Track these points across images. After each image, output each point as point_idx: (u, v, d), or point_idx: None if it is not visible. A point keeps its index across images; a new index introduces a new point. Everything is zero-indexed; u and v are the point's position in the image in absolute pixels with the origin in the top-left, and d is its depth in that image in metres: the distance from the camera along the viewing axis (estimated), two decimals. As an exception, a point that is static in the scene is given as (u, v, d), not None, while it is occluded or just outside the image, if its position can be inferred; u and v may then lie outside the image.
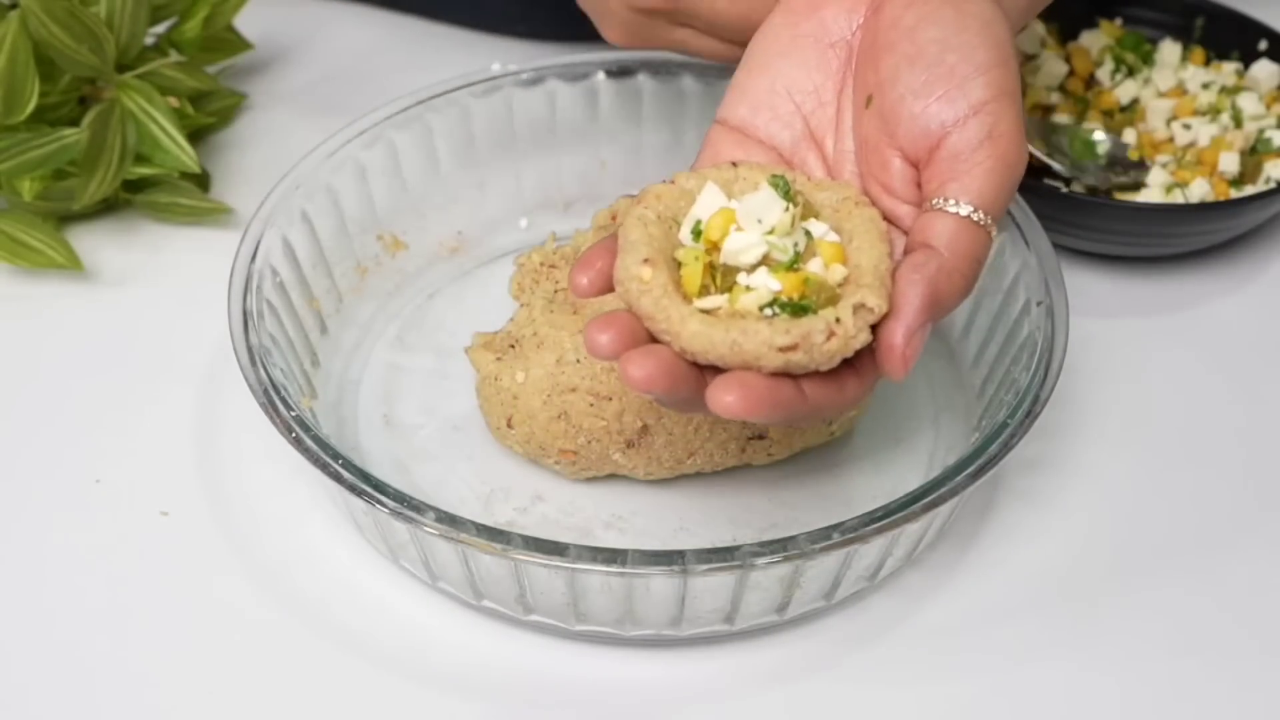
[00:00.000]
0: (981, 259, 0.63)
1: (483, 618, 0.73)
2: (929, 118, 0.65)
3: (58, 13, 0.84)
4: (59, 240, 0.87)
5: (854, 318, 0.61)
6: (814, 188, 0.66)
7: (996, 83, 0.64)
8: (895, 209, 0.66)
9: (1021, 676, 0.73)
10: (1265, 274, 0.92)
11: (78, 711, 0.70)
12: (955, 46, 0.65)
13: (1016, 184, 0.65)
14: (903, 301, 0.62)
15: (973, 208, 0.63)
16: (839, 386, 0.62)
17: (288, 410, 0.72)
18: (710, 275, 0.63)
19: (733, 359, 0.60)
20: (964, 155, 0.64)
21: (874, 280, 0.62)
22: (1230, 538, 0.78)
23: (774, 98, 0.69)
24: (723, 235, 0.63)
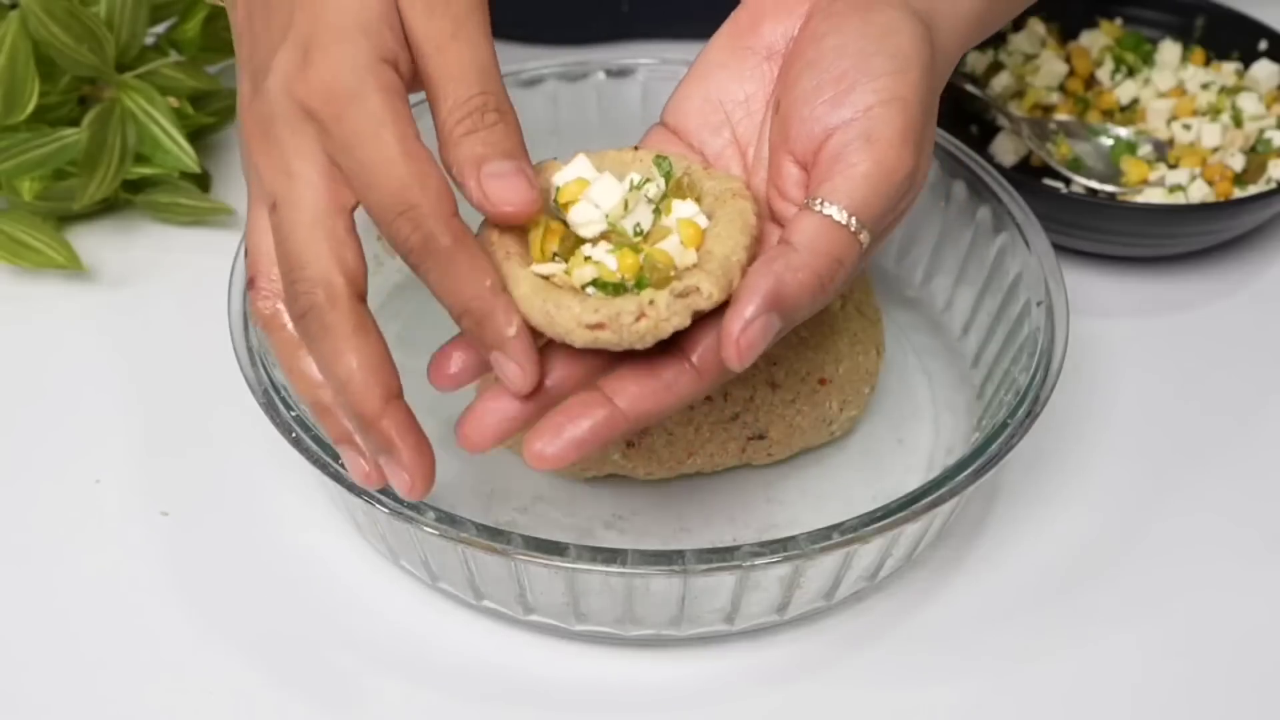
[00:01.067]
0: (843, 260, 0.63)
1: (483, 618, 0.73)
2: (814, 120, 0.65)
3: (58, 12, 0.84)
4: (59, 240, 0.87)
5: (676, 301, 0.61)
6: (705, 175, 0.67)
7: (887, 89, 0.65)
8: (785, 211, 0.67)
9: (1022, 676, 0.73)
10: (1265, 274, 0.92)
11: (78, 711, 0.70)
12: (852, 53, 0.66)
13: (896, 191, 0.64)
14: (744, 291, 0.62)
15: (839, 209, 0.63)
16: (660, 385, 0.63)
17: (288, 410, 0.72)
18: (563, 244, 0.64)
19: (548, 329, 0.62)
20: (841, 157, 0.64)
21: (716, 267, 0.63)
22: (1230, 537, 0.78)
23: (707, 106, 0.70)
24: (572, 204, 0.65)
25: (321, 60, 0.62)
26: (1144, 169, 0.91)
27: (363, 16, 0.63)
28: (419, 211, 0.61)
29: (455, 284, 0.61)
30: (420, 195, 0.61)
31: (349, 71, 0.62)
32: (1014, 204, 0.82)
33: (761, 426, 0.76)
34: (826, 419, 0.78)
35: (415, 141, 0.62)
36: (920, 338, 0.86)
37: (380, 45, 0.63)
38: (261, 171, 0.64)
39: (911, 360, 0.85)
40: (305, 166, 0.63)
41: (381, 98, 0.62)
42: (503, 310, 0.62)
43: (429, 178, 0.61)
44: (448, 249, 0.61)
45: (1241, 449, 0.82)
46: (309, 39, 0.63)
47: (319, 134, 0.62)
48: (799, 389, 0.77)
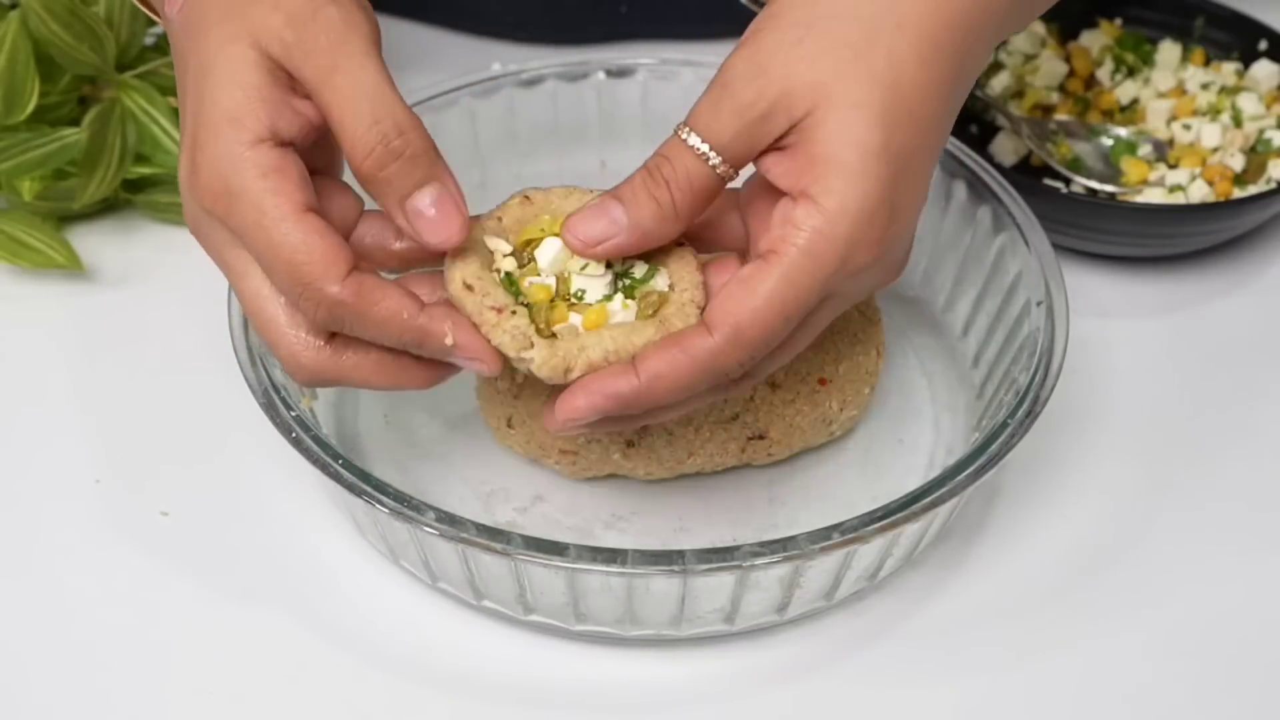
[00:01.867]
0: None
1: (483, 618, 0.73)
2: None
3: (58, 11, 0.84)
4: (59, 240, 0.87)
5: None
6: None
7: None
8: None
9: (1022, 676, 0.73)
10: (1265, 274, 0.91)
11: (78, 711, 0.70)
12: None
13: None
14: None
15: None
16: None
17: (288, 410, 0.72)
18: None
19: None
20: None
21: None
22: (1230, 537, 0.78)
23: None
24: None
25: (202, 161, 0.64)
26: (1144, 169, 0.91)
27: (232, 102, 0.64)
28: (313, 287, 0.63)
29: (380, 329, 0.64)
30: (309, 271, 0.63)
31: (226, 165, 0.64)
32: (1014, 204, 0.82)
33: (761, 426, 0.76)
34: (826, 419, 0.78)
35: (297, 216, 0.63)
36: (920, 338, 0.86)
37: (252, 126, 0.64)
38: (212, 260, 0.67)
39: (911, 360, 0.85)
40: (234, 258, 0.66)
41: (257, 185, 0.63)
42: (433, 327, 0.64)
43: (314, 250, 0.63)
44: (354, 305, 0.63)
45: (1241, 448, 0.82)
46: (193, 139, 0.65)
47: (228, 231, 0.65)
48: (799, 389, 0.77)
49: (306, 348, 0.66)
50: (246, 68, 0.64)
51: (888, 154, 0.63)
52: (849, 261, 0.63)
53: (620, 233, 0.65)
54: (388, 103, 0.64)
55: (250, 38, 0.64)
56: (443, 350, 0.65)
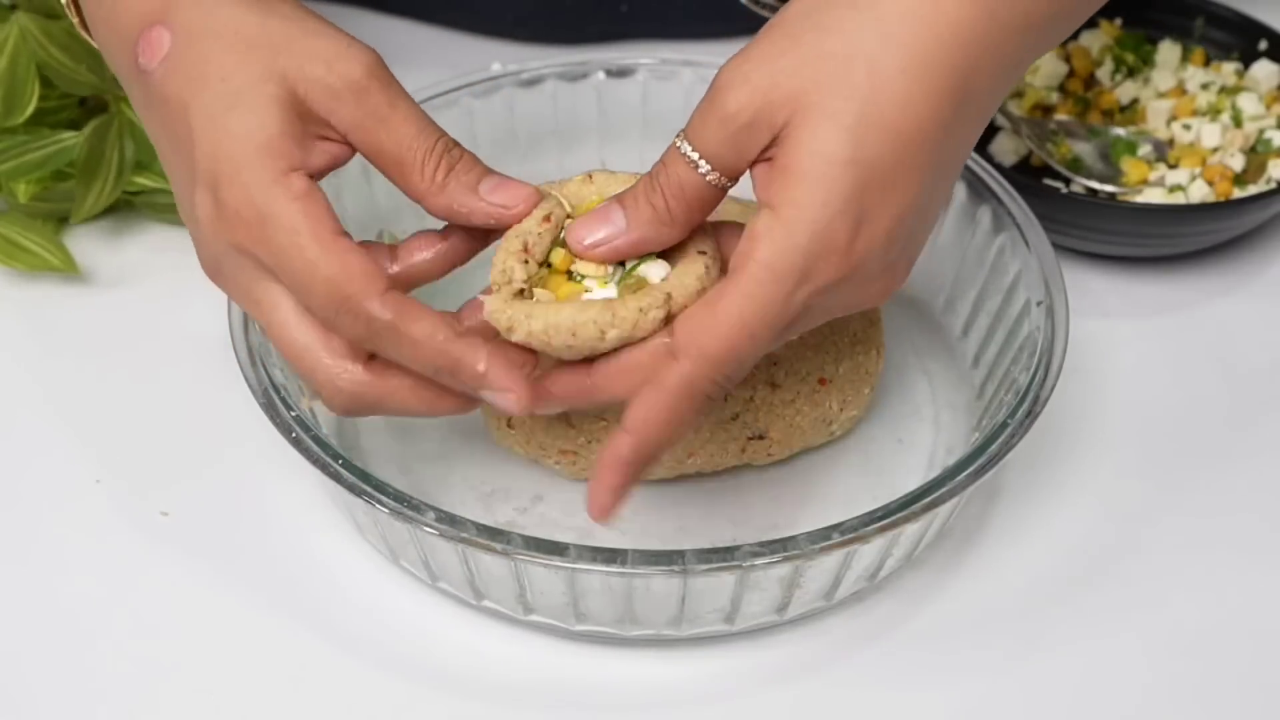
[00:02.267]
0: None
1: (483, 618, 0.73)
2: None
3: (56, 35, 0.85)
4: (55, 243, 0.87)
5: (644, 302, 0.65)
6: None
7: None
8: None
9: (1022, 676, 0.72)
10: (1265, 274, 0.91)
11: (78, 711, 0.70)
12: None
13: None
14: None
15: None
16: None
17: (288, 410, 0.72)
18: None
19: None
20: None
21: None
22: (1231, 537, 0.78)
23: None
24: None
25: (230, 197, 0.65)
26: (1144, 169, 0.91)
27: (259, 138, 0.65)
28: (352, 302, 0.64)
29: (413, 350, 0.64)
30: (349, 286, 0.64)
31: (259, 196, 0.64)
32: (1014, 204, 0.82)
33: (761, 426, 0.76)
34: (826, 419, 0.78)
35: (332, 236, 0.64)
36: (920, 338, 0.86)
37: (284, 159, 0.65)
38: (236, 302, 0.68)
39: (911, 360, 0.85)
40: (265, 291, 0.66)
41: (292, 208, 0.64)
42: (467, 353, 0.64)
43: (351, 267, 0.64)
44: (390, 324, 0.64)
45: (1241, 448, 0.82)
46: (214, 178, 0.65)
47: (256, 264, 0.65)
48: (799, 389, 0.77)
49: (345, 372, 0.66)
50: (275, 106, 0.65)
51: (855, 165, 0.62)
52: (811, 274, 0.63)
53: (619, 236, 0.66)
54: (441, 130, 0.68)
55: (280, 81, 0.65)
56: (475, 378, 0.65)
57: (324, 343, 0.66)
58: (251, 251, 0.65)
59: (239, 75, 0.66)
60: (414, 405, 0.67)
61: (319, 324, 0.66)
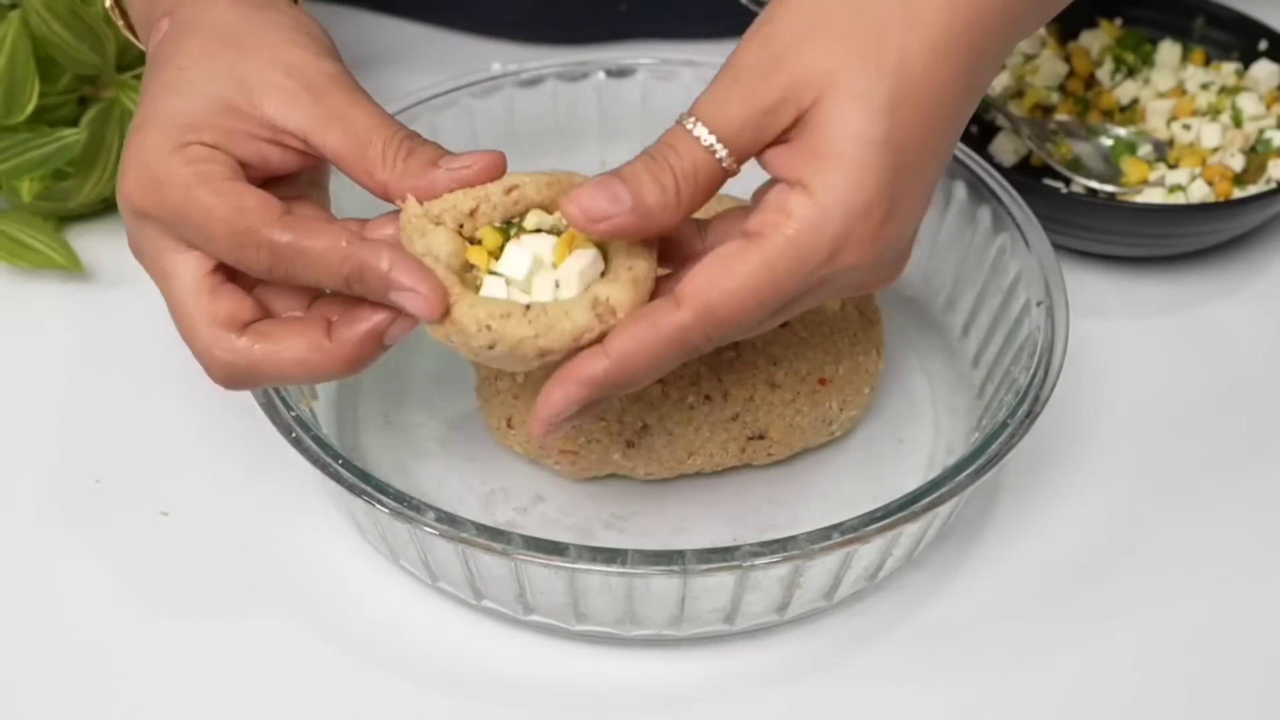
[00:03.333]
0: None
1: (483, 618, 0.73)
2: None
3: (59, 10, 0.84)
4: (58, 241, 0.87)
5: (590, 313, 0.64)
6: None
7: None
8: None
9: (1022, 676, 0.73)
10: (1265, 274, 0.92)
11: (78, 711, 0.70)
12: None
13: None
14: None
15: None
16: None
17: (288, 410, 0.72)
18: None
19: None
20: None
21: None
22: (1231, 537, 0.78)
23: None
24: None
25: (130, 164, 0.66)
26: (1144, 169, 0.91)
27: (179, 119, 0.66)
28: (251, 232, 0.64)
29: (318, 263, 0.64)
30: (244, 219, 0.64)
31: (154, 160, 0.65)
32: (1014, 204, 0.82)
33: (761, 426, 0.76)
34: (826, 419, 0.78)
35: (226, 183, 0.65)
36: (920, 338, 0.86)
37: (192, 134, 0.66)
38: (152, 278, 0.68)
39: (911, 360, 0.85)
40: (166, 262, 0.66)
41: (184, 170, 0.65)
42: (369, 253, 0.63)
43: (245, 200, 0.64)
44: (292, 242, 0.64)
45: (1241, 448, 0.82)
46: (126, 147, 0.67)
47: (158, 226, 0.66)
48: (799, 389, 0.77)
49: (219, 340, 0.66)
50: (211, 99, 0.66)
51: (889, 147, 0.62)
52: (837, 257, 0.62)
53: (622, 212, 0.63)
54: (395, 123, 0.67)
55: (235, 83, 0.66)
56: (381, 278, 0.63)
57: (207, 314, 0.66)
58: (153, 214, 0.65)
59: (196, 66, 0.67)
60: (293, 371, 0.66)
61: (206, 296, 0.66)
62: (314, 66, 0.67)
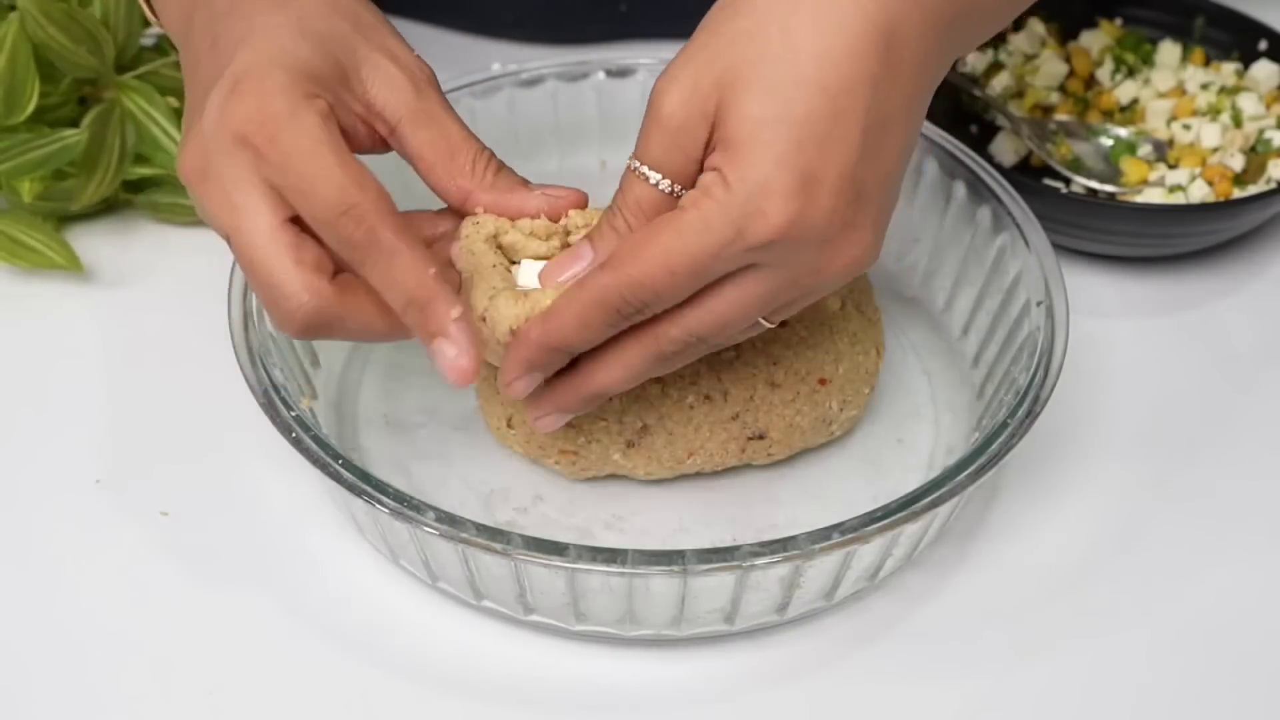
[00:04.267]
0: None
1: (483, 618, 0.73)
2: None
3: (55, 15, 0.84)
4: (59, 241, 0.87)
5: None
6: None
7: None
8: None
9: (1022, 676, 0.73)
10: (1265, 274, 0.92)
11: (78, 711, 0.70)
12: None
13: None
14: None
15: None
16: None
17: (288, 410, 0.72)
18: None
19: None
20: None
21: None
22: (1231, 537, 0.78)
23: None
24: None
25: (251, 90, 0.65)
26: (1144, 169, 0.91)
27: (305, 65, 0.67)
28: (361, 209, 0.64)
29: (401, 274, 0.64)
30: (360, 195, 0.64)
31: (279, 96, 0.65)
32: (1014, 204, 0.82)
33: (761, 426, 0.76)
34: (826, 419, 0.78)
35: (351, 155, 0.65)
36: (920, 338, 0.86)
37: (316, 86, 0.66)
38: (208, 208, 0.66)
39: (911, 360, 0.85)
40: (245, 196, 0.65)
41: (314, 119, 0.65)
42: (445, 297, 0.64)
43: (366, 181, 0.65)
44: (391, 242, 0.64)
45: (1241, 448, 0.82)
46: (245, 71, 0.66)
47: (253, 159, 0.65)
48: (799, 389, 0.77)
49: (311, 284, 0.65)
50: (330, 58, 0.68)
51: (786, 123, 0.63)
52: (746, 231, 0.64)
53: (585, 266, 0.68)
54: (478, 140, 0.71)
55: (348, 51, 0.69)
56: (441, 323, 0.64)
57: (294, 254, 0.65)
58: (255, 146, 0.64)
59: (317, 21, 0.68)
60: (377, 325, 0.66)
61: (291, 237, 0.65)
62: (417, 65, 0.71)
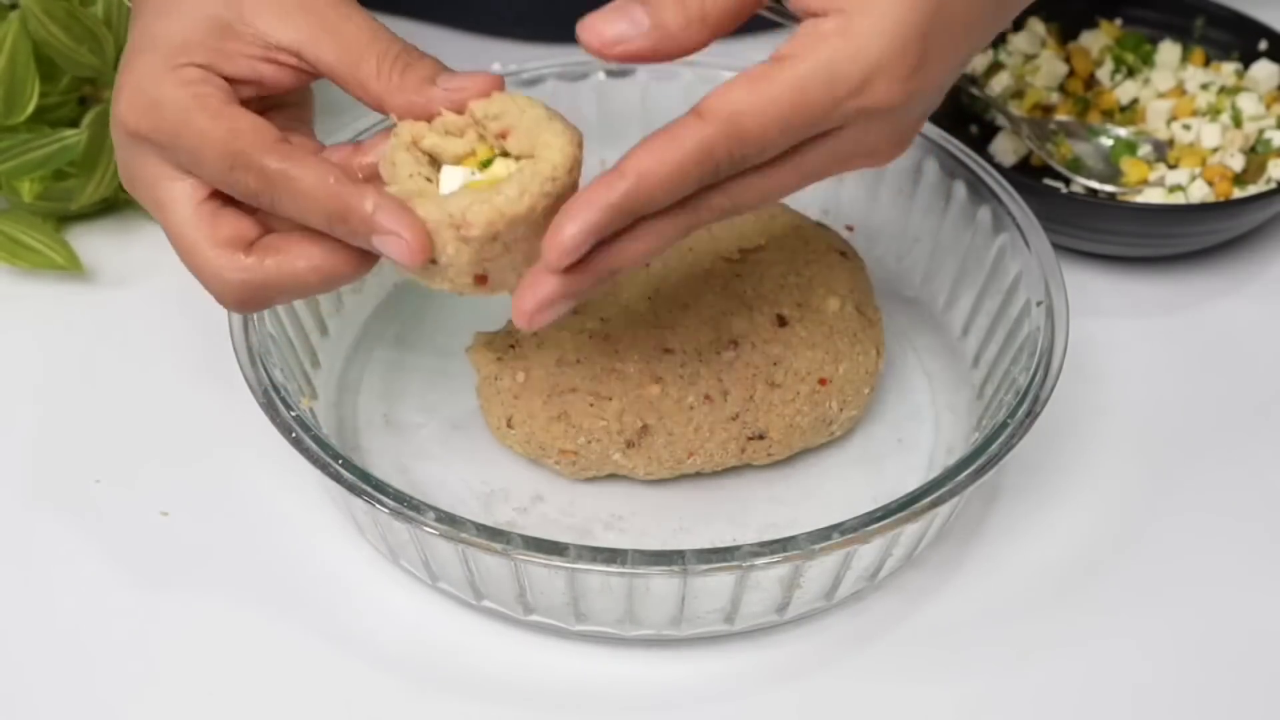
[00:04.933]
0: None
1: (483, 618, 0.73)
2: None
3: (57, 13, 0.84)
4: (59, 241, 0.87)
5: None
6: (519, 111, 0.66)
7: None
8: None
9: (1021, 676, 0.73)
10: (1265, 274, 0.92)
11: (78, 711, 0.70)
12: None
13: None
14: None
15: None
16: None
17: (288, 410, 0.72)
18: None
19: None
20: None
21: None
22: (1231, 537, 0.78)
23: None
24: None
25: (125, 85, 0.66)
26: (1144, 169, 0.91)
27: (171, 41, 0.66)
28: (243, 155, 0.64)
29: (305, 197, 0.64)
30: (238, 142, 0.64)
31: (148, 81, 0.65)
32: (1014, 204, 0.82)
33: (761, 426, 0.76)
34: (826, 419, 0.78)
35: (222, 105, 0.65)
36: (920, 338, 0.86)
37: (184, 56, 0.66)
38: (147, 209, 0.67)
39: (911, 360, 0.85)
40: (164, 190, 0.66)
41: (182, 92, 0.65)
42: (355, 195, 0.63)
43: (240, 123, 0.64)
44: (281, 170, 0.64)
45: (1242, 448, 0.82)
46: (120, 71, 0.67)
47: (155, 150, 0.66)
48: (799, 389, 0.77)
49: (229, 261, 0.65)
50: (203, 20, 0.66)
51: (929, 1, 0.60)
52: (867, 89, 0.60)
53: (638, 36, 0.61)
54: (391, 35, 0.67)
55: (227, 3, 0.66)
56: (364, 220, 0.63)
57: (210, 237, 0.65)
58: (148, 138, 0.65)
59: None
60: (309, 279, 0.65)
61: (207, 220, 0.65)
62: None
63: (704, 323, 0.77)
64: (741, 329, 0.77)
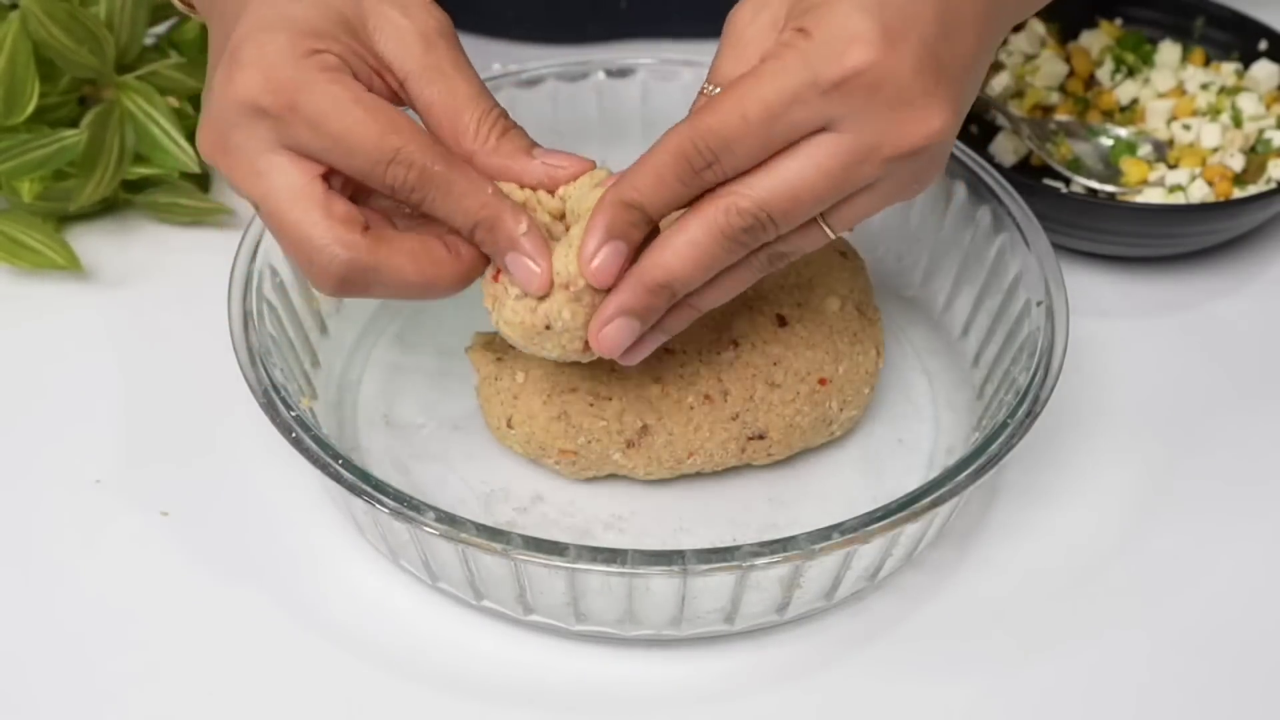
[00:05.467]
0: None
1: (483, 618, 0.73)
2: None
3: (58, 14, 0.85)
4: (58, 241, 0.87)
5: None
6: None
7: None
8: None
9: (1021, 676, 0.73)
10: (1265, 274, 0.92)
11: (78, 711, 0.70)
12: None
13: None
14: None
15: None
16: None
17: (288, 410, 0.72)
18: None
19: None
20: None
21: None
22: (1230, 537, 0.78)
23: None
24: None
25: (250, 59, 0.65)
26: (1144, 169, 0.91)
27: (305, 24, 0.66)
28: (405, 151, 0.65)
29: (460, 199, 0.66)
30: (400, 138, 0.65)
31: (285, 62, 0.65)
32: (1014, 204, 0.82)
33: (761, 426, 0.76)
34: (826, 419, 0.78)
35: (376, 100, 0.65)
36: (920, 338, 0.86)
37: (319, 43, 0.65)
38: (233, 180, 0.67)
39: (911, 360, 0.85)
40: (269, 161, 0.66)
41: (327, 75, 0.65)
42: (510, 212, 0.66)
43: (400, 123, 0.65)
44: (443, 172, 0.65)
45: (1241, 448, 0.82)
46: (236, 45, 0.66)
47: (273, 126, 0.65)
48: (799, 389, 0.77)
49: (344, 237, 0.65)
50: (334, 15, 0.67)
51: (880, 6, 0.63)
52: (822, 74, 0.62)
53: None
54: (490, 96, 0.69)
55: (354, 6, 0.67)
56: (510, 238, 0.66)
57: (324, 209, 0.65)
58: (274, 114, 0.65)
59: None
60: (411, 277, 0.66)
61: (319, 194, 0.65)
62: (429, 14, 0.69)
63: (704, 323, 0.77)
64: (741, 329, 0.77)
